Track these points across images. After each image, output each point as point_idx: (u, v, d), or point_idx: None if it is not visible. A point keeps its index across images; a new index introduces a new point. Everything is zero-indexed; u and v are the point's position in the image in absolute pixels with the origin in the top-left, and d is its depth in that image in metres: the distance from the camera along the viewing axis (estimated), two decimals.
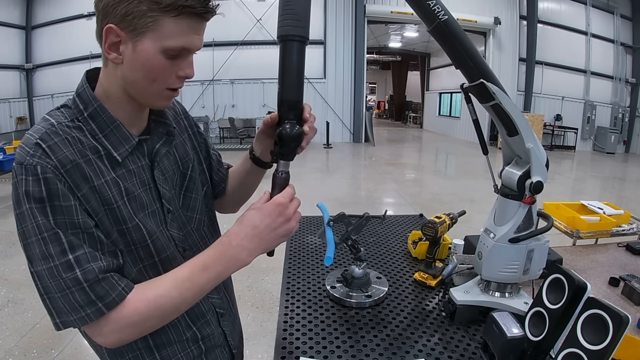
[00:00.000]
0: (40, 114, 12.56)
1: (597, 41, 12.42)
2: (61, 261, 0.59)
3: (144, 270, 0.72)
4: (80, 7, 11.37)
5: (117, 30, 0.60)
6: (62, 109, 0.68)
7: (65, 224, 0.60)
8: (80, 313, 0.60)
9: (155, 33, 0.61)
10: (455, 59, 0.90)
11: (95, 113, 0.67)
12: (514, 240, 0.98)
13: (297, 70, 0.71)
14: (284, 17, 0.69)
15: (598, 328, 0.72)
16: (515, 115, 0.92)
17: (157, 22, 0.60)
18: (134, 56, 0.62)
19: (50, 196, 0.59)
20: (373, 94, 28.22)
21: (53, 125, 0.63)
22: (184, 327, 0.79)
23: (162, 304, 0.65)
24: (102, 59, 0.67)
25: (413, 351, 0.96)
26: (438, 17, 0.84)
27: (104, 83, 0.68)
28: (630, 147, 12.83)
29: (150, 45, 0.61)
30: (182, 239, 0.78)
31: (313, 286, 1.27)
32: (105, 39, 0.62)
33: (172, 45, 0.62)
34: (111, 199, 0.66)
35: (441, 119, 16.94)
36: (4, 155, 5.57)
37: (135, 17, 0.59)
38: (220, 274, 0.68)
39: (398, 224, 1.84)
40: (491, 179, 1.07)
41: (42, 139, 0.61)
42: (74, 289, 0.60)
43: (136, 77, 0.64)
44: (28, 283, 3.24)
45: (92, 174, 0.64)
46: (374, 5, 11.66)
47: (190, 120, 0.90)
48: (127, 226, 0.68)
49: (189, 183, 0.83)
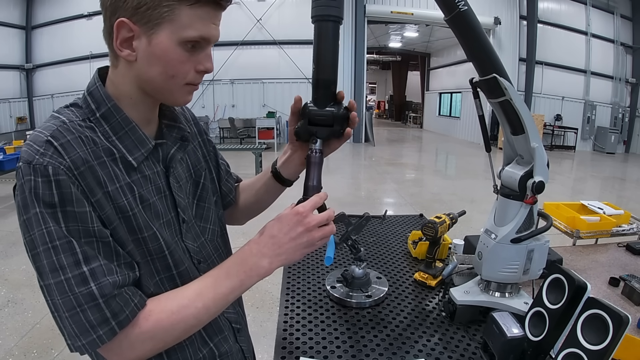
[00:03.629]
0: (40, 114, 12.60)
1: (597, 41, 12.42)
2: (74, 273, 0.53)
3: (160, 284, 0.66)
4: (80, 7, 11.37)
5: (130, 24, 0.56)
6: (72, 108, 0.63)
7: (79, 232, 0.54)
8: (91, 335, 0.54)
9: (171, 24, 0.57)
10: (469, 51, 0.90)
11: (108, 113, 0.62)
12: (515, 240, 0.98)
13: (332, 50, 0.72)
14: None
15: (598, 328, 0.72)
16: (524, 113, 0.92)
17: (173, 11, 0.56)
18: (150, 51, 0.58)
19: (63, 201, 0.53)
20: (373, 94, 28.22)
21: (65, 122, 0.58)
22: (200, 343, 0.74)
23: (186, 316, 0.61)
24: (110, 59, 0.63)
25: (413, 351, 0.96)
26: (458, 6, 0.83)
27: (114, 83, 0.64)
28: (630, 147, 12.84)
29: (167, 37, 0.57)
30: (196, 250, 0.74)
31: (313, 286, 1.26)
32: (117, 36, 0.57)
33: (191, 35, 0.58)
34: (126, 207, 0.61)
35: (441, 119, 16.94)
36: (4, 155, 5.56)
37: (149, 8, 0.55)
38: (243, 282, 0.65)
39: (398, 224, 1.84)
40: (491, 179, 1.07)
41: (53, 136, 0.55)
42: (86, 307, 0.54)
43: (153, 74, 0.60)
44: (28, 283, 3.24)
45: (107, 178, 0.59)
46: (374, 5, 11.65)
47: (200, 127, 0.87)
48: (142, 235, 0.63)
49: (202, 192, 0.79)
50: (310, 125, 0.74)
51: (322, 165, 0.73)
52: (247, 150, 7.32)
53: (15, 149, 5.97)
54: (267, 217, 0.74)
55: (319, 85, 0.73)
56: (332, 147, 0.79)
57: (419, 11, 11.60)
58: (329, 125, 0.73)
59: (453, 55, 15.38)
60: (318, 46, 0.72)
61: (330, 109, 0.74)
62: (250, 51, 11.71)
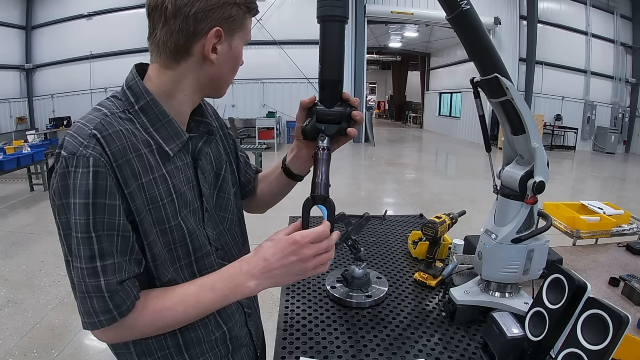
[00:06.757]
0: (41, 114, 12.60)
1: (597, 41, 12.42)
2: (87, 266, 0.60)
3: (180, 270, 0.72)
4: (80, 7, 11.38)
5: (222, 32, 0.65)
6: (112, 99, 0.68)
7: (103, 223, 0.60)
8: (94, 319, 0.61)
9: (242, 31, 0.70)
10: (471, 51, 0.90)
11: (147, 106, 0.67)
12: (515, 240, 0.98)
13: (339, 49, 0.73)
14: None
15: (598, 328, 0.72)
16: (525, 113, 0.91)
17: (245, 21, 0.70)
18: (230, 54, 0.69)
19: (96, 192, 0.58)
20: (373, 94, 28.22)
21: (107, 115, 0.63)
22: (214, 326, 0.79)
23: (165, 317, 0.66)
24: (164, 60, 0.67)
25: (413, 351, 0.96)
26: (460, 5, 0.83)
27: (164, 82, 0.68)
28: (630, 147, 12.83)
29: (240, 42, 0.70)
30: (215, 238, 0.79)
31: (313, 286, 1.26)
32: (209, 42, 0.65)
33: (249, 39, 0.72)
34: (157, 197, 0.66)
35: (441, 119, 16.94)
36: (4, 155, 5.56)
37: (235, 19, 0.67)
38: (226, 297, 0.68)
39: (398, 224, 1.84)
40: (491, 179, 1.07)
41: (97, 129, 0.60)
42: (94, 295, 0.60)
43: (225, 72, 0.71)
44: (28, 283, 3.25)
45: (142, 170, 0.64)
46: (374, 5, 11.65)
47: (221, 121, 0.91)
48: (169, 225, 0.68)
49: (222, 183, 0.84)
50: (318, 123, 0.75)
51: (330, 162, 0.74)
52: (247, 150, 7.31)
53: (15, 149, 5.97)
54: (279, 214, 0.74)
55: (327, 85, 0.74)
56: (338, 144, 0.81)
57: (419, 11, 11.60)
58: (337, 123, 0.75)
59: (453, 55, 15.38)
60: (324, 46, 0.73)
61: (338, 108, 0.75)
62: (250, 51, 11.66)
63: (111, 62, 11.63)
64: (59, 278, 3.33)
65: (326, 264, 0.69)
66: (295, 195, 0.97)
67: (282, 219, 3.05)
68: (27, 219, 5.02)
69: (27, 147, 6.01)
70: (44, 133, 9.88)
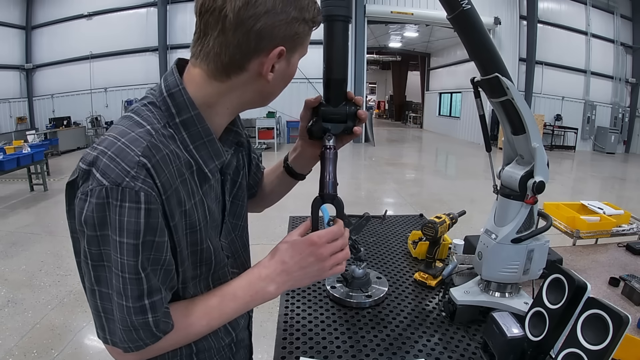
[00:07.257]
0: (41, 114, 12.60)
1: (597, 41, 12.42)
2: (135, 305, 0.56)
3: (197, 284, 0.70)
4: (80, 7, 11.38)
5: (284, 51, 0.59)
6: (151, 107, 0.60)
7: (150, 260, 0.56)
8: (139, 342, 0.58)
9: (302, 47, 0.63)
10: (471, 50, 0.90)
11: (190, 122, 0.60)
12: (515, 240, 0.98)
13: (343, 49, 0.73)
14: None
15: (598, 328, 0.72)
16: (525, 113, 0.92)
17: (306, 37, 0.63)
18: (286, 71, 0.63)
19: (147, 230, 0.53)
20: (373, 94, 28.21)
21: (151, 134, 0.56)
22: (224, 333, 0.78)
23: (189, 333, 0.65)
24: (212, 70, 0.59)
25: (413, 351, 0.96)
26: (461, 5, 0.83)
27: (208, 94, 0.61)
28: (630, 147, 12.84)
29: (297, 57, 0.64)
30: (227, 246, 0.77)
31: (313, 286, 1.26)
32: (270, 62, 0.59)
33: (305, 53, 0.65)
34: (195, 222, 0.63)
35: (441, 119, 16.94)
36: (4, 155, 5.56)
37: (300, 37, 0.61)
38: (248, 304, 0.67)
39: (398, 224, 1.84)
40: (491, 179, 1.06)
41: (145, 155, 0.53)
42: (140, 330, 0.57)
43: (277, 89, 0.65)
44: (28, 283, 3.25)
45: (185, 196, 0.60)
46: (374, 5, 11.65)
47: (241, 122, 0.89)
48: (202, 247, 0.66)
49: (238, 191, 0.81)
50: (324, 122, 0.75)
51: (337, 161, 0.74)
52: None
53: (15, 149, 5.97)
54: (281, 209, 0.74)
55: (332, 84, 0.74)
56: (342, 143, 0.81)
57: (419, 11, 11.60)
58: (343, 122, 0.75)
59: (453, 55, 15.38)
60: (329, 46, 0.73)
61: (343, 107, 0.75)
62: None
63: (111, 62, 11.65)
64: (59, 278, 3.33)
65: (342, 263, 0.69)
66: (295, 195, 0.98)
67: (281, 219, 3.05)
68: (27, 219, 5.02)
69: (27, 147, 6.00)
70: (44, 133, 9.87)
